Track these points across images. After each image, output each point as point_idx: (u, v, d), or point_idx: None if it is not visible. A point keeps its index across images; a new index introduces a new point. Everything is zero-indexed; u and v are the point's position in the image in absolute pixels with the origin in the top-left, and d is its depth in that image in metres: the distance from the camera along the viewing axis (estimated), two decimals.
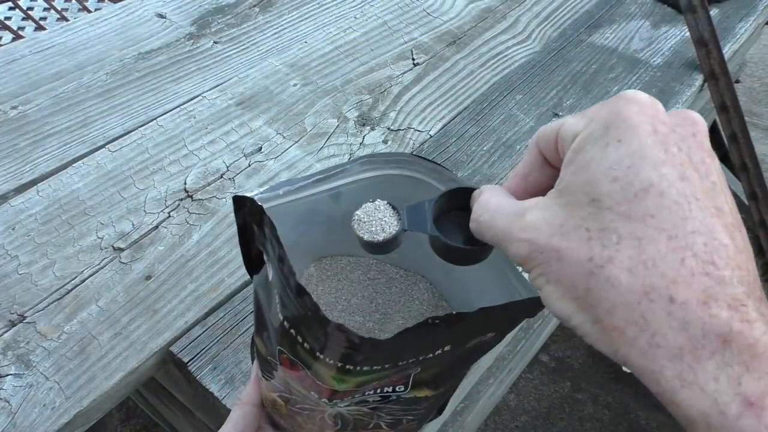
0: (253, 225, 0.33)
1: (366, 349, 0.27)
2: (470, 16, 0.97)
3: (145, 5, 0.93)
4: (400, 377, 0.31)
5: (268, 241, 0.30)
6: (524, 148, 0.76)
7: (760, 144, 2.13)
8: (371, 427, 0.36)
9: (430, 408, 0.37)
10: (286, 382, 0.34)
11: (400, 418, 0.36)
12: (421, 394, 0.33)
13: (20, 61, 0.81)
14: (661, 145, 0.20)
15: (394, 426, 0.37)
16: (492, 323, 0.29)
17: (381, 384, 0.31)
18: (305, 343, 0.29)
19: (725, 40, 0.96)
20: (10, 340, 0.53)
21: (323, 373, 0.30)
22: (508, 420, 1.45)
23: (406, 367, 0.30)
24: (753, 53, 2.39)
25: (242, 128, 0.75)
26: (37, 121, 0.74)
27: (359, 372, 0.29)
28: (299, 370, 0.31)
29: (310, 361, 0.30)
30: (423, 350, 0.29)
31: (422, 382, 0.32)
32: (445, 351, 0.30)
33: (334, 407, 0.33)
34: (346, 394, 0.31)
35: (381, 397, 0.33)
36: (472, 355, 0.34)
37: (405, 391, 0.32)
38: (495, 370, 1.00)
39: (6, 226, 0.62)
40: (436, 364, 0.31)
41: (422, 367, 0.31)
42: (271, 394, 0.37)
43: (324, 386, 0.31)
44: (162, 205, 0.65)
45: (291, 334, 0.30)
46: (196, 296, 0.57)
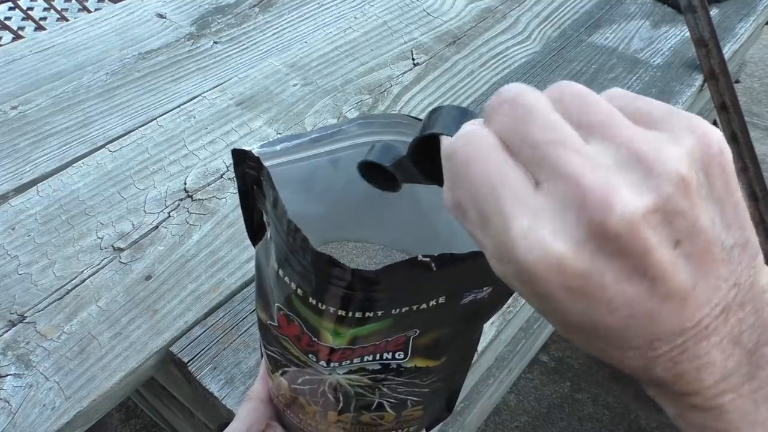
0: (254, 186, 0.32)
1: (357, 285, 0.26)
2: (470, 16, 0.97)
3: (145, 5, 0.93)
4: (397, 341, 0.30)
5: (265, 192, 0.30)
6: None
7: (760, 144, 2.13)
8: (374, 408, 0.35)
9: (436, 393, 0.36)
10: (285, 348, 0.34)
11: (404, 398, 0.35)
12: (422, 363, 0.32)
13: (20, 61, 0.81)
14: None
15: (398, 409, 0.36)
16: (484, 271, 0.28)
17: (378, 348, 0.31)
18: (299, 288, 0.29)
19: (725, 40, 0.96)
20: (10, 340, 0.53)
21: (317, 325, 0.29)
22: (508, 420, 1.46)
23: (401, 322, 0.29)
24: (753, 53, 2.39)
25: (242, 128, 0.75)
26: (37, 121, 0.74)
27: (352, 320, 0.28)
28: (296, 327, 0.31)
29: (304, 311, 0.29)
30: (416, 298, 0.28)
31: (422, 348, 0.32)
32: (440, 303, 0.29)
33: (332, 373, 0.32)
34: (344, 355, 0.31)
35: (381, 366, 0.32)
36: (470, 322, 0.33)
37: (405, 359, 0.32)
38: (495, 370, 1.00)
39: (6, 226, 0.62)
40: (433, 322, 0.30)
41: (420, 328, 0.30)
42: (276, 376, 0.37)
43: (321, 344, 0.30)
44: (162, 205, 0.65)
45: (285, 282, 0.29)
46: (196, 296, 0.57)
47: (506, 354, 0.99)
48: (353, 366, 0.32)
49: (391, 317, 0.29)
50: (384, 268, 0.25)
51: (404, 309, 0.28)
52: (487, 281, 0.29)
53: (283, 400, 0.39)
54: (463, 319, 0.32)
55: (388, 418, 0.37)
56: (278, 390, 0.38)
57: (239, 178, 0.32)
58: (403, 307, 0.28)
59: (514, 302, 0.61)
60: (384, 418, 0.37)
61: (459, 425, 0.93)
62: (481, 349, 0.58)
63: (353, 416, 0.36)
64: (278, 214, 0.28)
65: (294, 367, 0.34)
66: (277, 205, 0.28)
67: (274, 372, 0.37)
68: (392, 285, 0.27)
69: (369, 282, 0.26)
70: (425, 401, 0.36)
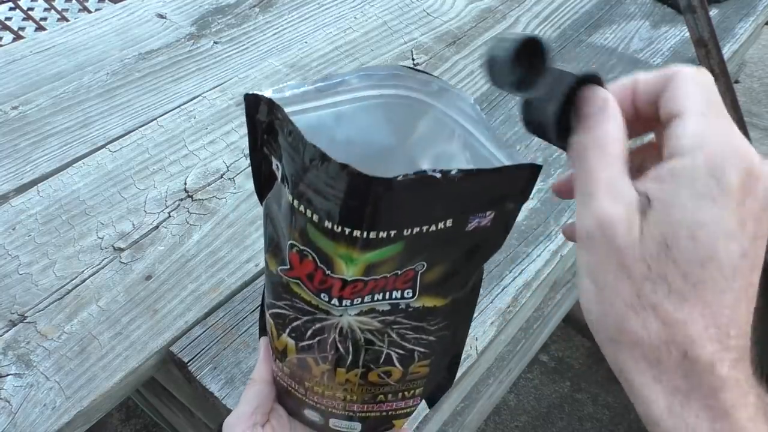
0: (264, 135, 0.33)
1: (372, 192, 0.27)
2: (470, 16, 0.97)
3: (145, 5, 0.93)
4: (406, 276, 0.32)
5: (279, 130, 0.31)
6: (524, 148, 0.76)
7: (760, 144, 2.13)
8: (382, 361, 0.36)
9: (442, 343, 0.37)
10: (296, 295, 0.34)
11: (412, 349, 0.36)
12: (429, 303, 0.34)
13: (21, 62, 0.81)
14: (740, 218, 0.21)
15: (405, 362, 0.36)
16: (488, 192, 0.30)
17: (388, 283, 0.32)
18: (314, 214, 0.30)
19: (725, 40, 0.96)
20: (10, 340, 0.53)
21: (332, 253, 0.30)
22: (508, 420, 1.46)
23: (411, 248, 0.30)
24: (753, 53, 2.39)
25: (242, 128, 0.75)
26: (38, 121, 0.74)
27: (366, 242, 0.29)
28: (309, 263, 0.32)
29: (319, 239, 0.30)
30: (425, 217, 0.29)
31: (429, 285, 0.33)
32: (448, 227, 0.30)
33: (343, 314, 0.33)
34: (356, 289, 0.32)
35: (390, 306, 0.33)
36: (473, 258, 0.34)
37: (413, 297, 0.33)
38: (495, 370, 1.00)
39: (6, 226, 0.62)
40: (439, 253, 0.32)
41: (427, 260, 0.31)
42: (282, 340, 0.37)
43: (334, 278, 0.31)
44: (162, 205, 0.65)
45: (300, 213, 0.30)
46: (196, 296, 0.58)
47: (506, 354, 1.00)
48: (364, 306, 0.33)
49: (402, 240, 0.30)
50: (396, 177, 0.27)
51: (415, 230, 0.29)
52: (490, 205, 0.30)
53: (288, 371, 0.39)
54: (466, 254, 0.33)
55: (395, 376, 0.37)
56: (283, 358, 0.38)
57: (250, 126, 0.33)
58: (413, 228, 0.29)
59: (513, 302, 0.61)
60: (391, 375, 0.37)
61: (459, 425, 0.93)
62: (481, 349, 0.58)
63: (361, 372, 0.36)
64: (295, 141, 0.29)
65: (304, 317, 0.35)
66: (293, 133, 0.29)
67: (281, 335, 0.37)
68: (404, 196, 0.28)
69: (384, 186, 0.27)
70: (431, 354, 0.37)
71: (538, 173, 0.29)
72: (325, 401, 0.39)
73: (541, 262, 0.63)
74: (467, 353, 0.57)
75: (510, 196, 0.31)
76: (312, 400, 0.39)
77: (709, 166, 0.21)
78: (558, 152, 0.76)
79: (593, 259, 0.23)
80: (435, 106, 0.34)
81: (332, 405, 0.39)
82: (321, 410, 0.39)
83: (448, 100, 0.33)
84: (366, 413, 0.39)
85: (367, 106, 0.35)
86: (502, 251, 0.63)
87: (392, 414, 0.40)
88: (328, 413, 0.39)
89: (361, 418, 0.40)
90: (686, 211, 0.21)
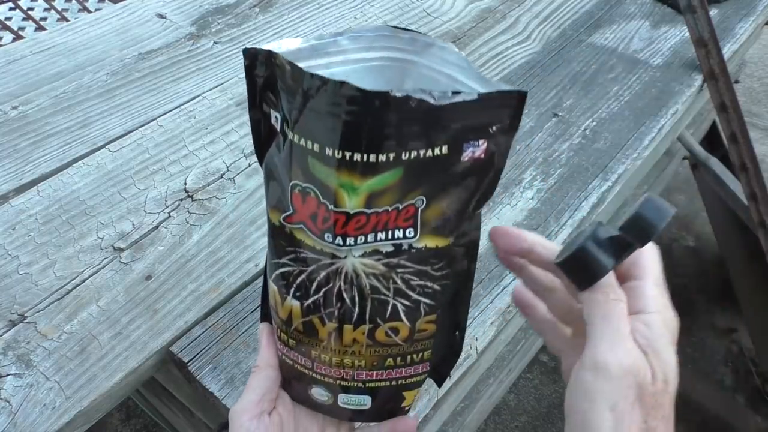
0: (264, 91, 0.35)
1: (370, 106, 0.29)
2: (470, 16, 0.97)
3: (145, 5, 0.93)
4: (407, 212, 0.33)
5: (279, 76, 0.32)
6: (524, 148, 0.76)
7: (760, 144, 2.13)
8: (389, 315, 0.36)
9: (446, 293, 0.37)
10: (299, 244, 0.35)
11: (417, 301, 0.36)
12: (431, 243, 0.35)
13: (21, 62, 0.81)
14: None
15: (412, 316, 0.37)
16: (479, 116, 0.32)
17: (390, 219, 0.33)
18: (314, 144, 0.31)
19: (725, 40, 0.96)
20: (10, 340, 0.53)
21: (334, 184, 0.31)
22: (508, 420, 1.46)
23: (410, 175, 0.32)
24: (753, 53, 2.39)
25: (242, 128, 0.75)
26: (38, 121, 0.74)
27: (366, 167, 0.31)
28: (312, 201, 0.33)
29: (321, 171, 0.32)
30: (422, 140, 0.31)
31: (430, 223, 0.34)
32: (444, 155, 0.32)
33: (348, 255, 0.34)
34: (359, 224, 0.33)
35: (393, 247, 0.34)
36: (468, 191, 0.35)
37: (415, 237, 0.34)
38: (495, 370, 1.00)
39: (6, 226, 0.62)
40: (437, 186, 0.33)
41: (426, 195, 0.33)
42: (286, 306, 0.37)
43: (337, 212, 0.32)
44: (162, 205, 0.65)
45: (301, 147, 0.32)
46: (196, 296, 0.58)
47: (506, 354, 1.00)
48: (368, 247, 0.34)
49: (401, 165, 0.31)
50: (391, 91, 0.29)
51: (413, 154, 0.31)
52: (482, 132, 0.32)
53: (293, 344, 0.38)
54: (463, 190, 0.34)
55: (403, 333, 0.37)
56: (288, 328, 0.38)
57: (249, 82, 0.35)
58: (411, 151, 0.31)
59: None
60: (398, 332, 0.37)
61: (459, 425, 0.93)
62: (481, 349, 0.58)
63: (368, 329, 0.36)
64: (294, 76, 0.31)
65: (309, 267, 0.35)
66: (291, 69, 0.31)
67: (285, 300, 0.37)
68: (400, 115, 0.30)
69: (381, 100, 0.29)
70: (437, 307, 0.37)
71: (525, 100, 0.32)
72: (333, 371, 0.38)
73: None
74: (467, 353, 0.57)
75: (500, 124, 0.32)
76: (320, 374, 0.38)
77: (663, 322, 0.31)
78: (557, 152, 0.76)
79: (616, 391, 0.29)
80: (418, 63, 0.35)
81: (340, 375, 0.38)
82: (329, 385, 0.39)
83: (432, 55, 0.34)
84: (375, 382, 0.39)
85: (357, 69, 0.36)
86: None
87: (402, 383, 0.39)
88: (336, 388, 0.39)
89: (371, 390, 0.39)
90: (671, 356, 0.31)
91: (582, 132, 0.79)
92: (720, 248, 1.63)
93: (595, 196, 0.71)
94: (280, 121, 0.34)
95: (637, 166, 0.78)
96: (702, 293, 1.74)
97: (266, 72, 0.34)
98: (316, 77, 0.29)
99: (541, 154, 0.76)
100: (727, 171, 1.35)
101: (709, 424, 1.43)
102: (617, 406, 0.29)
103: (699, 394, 1.41)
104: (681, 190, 2.02)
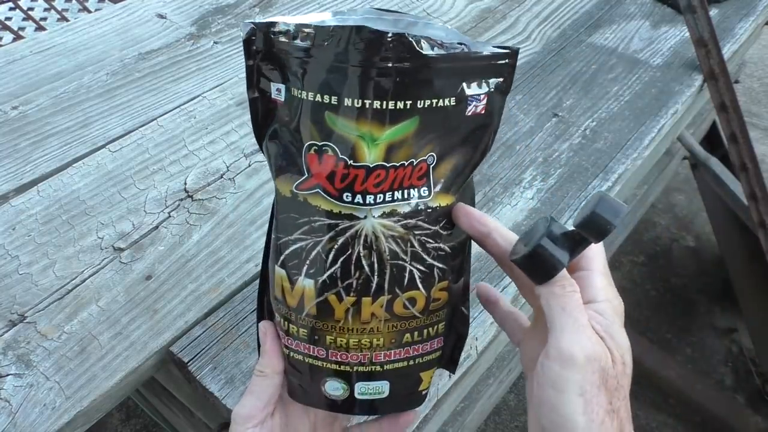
0: (261, 66, 0.35)
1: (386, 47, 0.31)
2: (470, 16, 0.97)
3: (145, 5, 0.93)
4: (420, 169, 0.35)
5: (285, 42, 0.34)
6: (524, 148, 0.76)
7: (760, 144, 2.13)
8: (406, 283, 0.36)
9: (454, 257, 0.38)
10: (316, 210, 0.35)
11: (431, 266, 0.37)
12: (443, 202, 0.36)
13: (21, 62, 0.81)
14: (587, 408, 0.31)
15: (427, 283, 0.37)
16: (479, 72, 0.35)
17: (406, 175, 0.34)
18: (332, 97, 0.33)
19: (725, 40, 0.96)
20: (10, 340, 0.53)
21: (353, 135, 0.33)
22: (508, 420, 1.46)
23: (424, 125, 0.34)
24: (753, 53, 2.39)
25: (242, 128, 0.75)
26: (38, 121, 0.74)
27: (385, 115, 0.32)
28: (329, 157, 0.34)
29: (338, 124, 0.33)
30: (432, 90, 0.33)
31: (440, 181, 0.36)
32: (453, 107, 0.34)
33: (368, 215, 0.34)
34: (379, 182, 0.34)
35: (410, 208, 0.35)
36: (473, 150, 0.37)
37: (429, 196, 0.36)
38: (495, 370, 1.00)
39: (6, 226, 0.62)
40: (445, 142, 0.35)
41: (436, 151, 0.35)
42: (297, 290, 0.36)
43: (357, 167, 0.33)
44: (162, 205, 0.65)
45: (318, 103, 0.33)
46: (196, 296, 0.58)
47: (506, 354, 1.00)
48: (386, 207, 0.35)
49: (417, 113, 0.33)
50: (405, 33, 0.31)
51: (426, 102, 0.33)
52: (483, 87, 0.35)
53: (305, 333, 0.37)
54: (466, 147, 0.36)
55: (420, 304, 0.37)
56: (299, 314, 0.37)
57: (248, 59, 0.36)
58: (425, 100, 0.33)
59: (514, 302, 0.61)
60: (416, 303, 0.37)
61: (459, 425, 0.93)
62: (481, 349, 0.58)
63: (387, 302, 0.36)
64: (304, 33, 0.33)
65: (326, 235, 0.35)
66: (296, 29, 0.33)
67: (296, 282, 0.36)
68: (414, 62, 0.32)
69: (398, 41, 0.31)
70: (448, 272, 0.38)
71: (517, 56, 0.36)
72: (350, 356, 0.37)
73: None
74: (467, 353, 0.57)
75: (496, 80, 0.36)
76: (335, 362, 0.38)
77: (613, 309, 0.33)
78: (557, 152, 0.76)
79: (583, 378, 0.31)
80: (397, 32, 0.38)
81: (358, 360, 0.38)
82: (345, 374, 0.38)
83: (418, 31, 0.35)
84: (393, 363, 0.38)
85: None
86: None
87: (419, 362, 0.39)
88: (353, 376, 0.38)
89: (389, 374, 0.39)
90: (624, 339, 0.33)
91: (582, 132, 0.79)
92: (720, 248, 1.63)
93: None
94: (284, 90, 0.35)
95: (637, 166, 0.78)
96: (702, 293, 1.74)
97: (265, 46, 0.34)
98: (328, 28, 0.31)
99: (541, 154, 0.76)
100: (727, 171, 1.35)
101: (709, 424, 1.43)
102: (585, 393, 0.31)
103: (699, 394, 1.41)
104: (681, 190, 2.03)
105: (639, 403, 1.50)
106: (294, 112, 0.35)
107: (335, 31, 0.31)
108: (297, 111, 0.34)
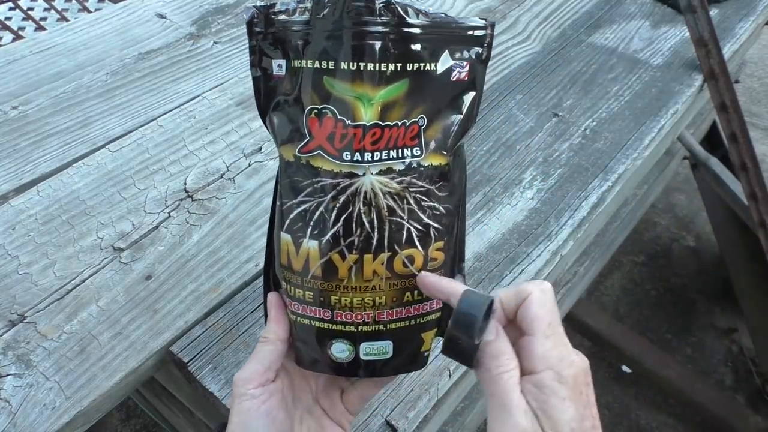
0: (266, 44, 0.39)
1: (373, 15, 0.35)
2: (470, 16, 0.97)
3: (145, 5, 0.93)
4: (413, 131, 0.37)
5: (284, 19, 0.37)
6: (524, 148, 0.76)
7: (760, 144, 2.13)
8: (405, 240, 0.38)
9: (449, 218, 0.40)
10: (318, 171, 0.37)
11: (427, 225, 0.39)
12: (435, 161, 0.39)
13: (20, 62, 0.81)
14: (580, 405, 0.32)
15: (424, 242, 0.39)
16: (462, 40, 0.38)
17: (400, 135, 0.37)
18: (329, 62, 0.36)
19: (725, 40, 0.96)
20: (10, 340, 0.53)
21: (350, 96, 0.36)
22: None
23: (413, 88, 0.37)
24: (753, 53, 2.39)
25: (242, 128, 0.75)
26: (38, 121, 0.74)
27: (378, 75, 0.36)
28: (329, 119, 0.36)
29: (337, 87, 0.36)
30: (419, 54, 0.37)
31: (430, 143, 0.38)
32: (439, 72, 0.38)
33: (366, 172, 0.37)
34: (375, 140, 0.36)
35: (404, 165, 0.37)
36: (460, 116, 0.39)
37: (421, 155, 0.38)
38: None
39: (6, 226, 0.62)
40: (433, 105, 0.38)
41: (426, 114, 0.38)
42: (302, 253, 0.38)
43: (354, 127, 0.36)
44: (162, 205, 0.65)
45: (317, 69, 0.36)
46: (196, 296, 0.58)
47: None
48: (383, 165, 0.37)
49: (407, 76, 0.36)
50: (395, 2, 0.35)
51: (415, 66, 0.36)
52: (465, 54, 0.38)
53: (311, 295, 0.39)
54: (452, 110, 0.39)
55: (418, 262, 0.39)
56: (305, 276, 0.39)
57: (250, 38, 0.39)
58: (414, 63, 0.36)
59: None
60: (414, 261, 0.39)
61: (459, 425, 0.93)
62: None
63: (387, 259, 0.38)
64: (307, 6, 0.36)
65: (328, 194, 0.37)
66: (302, 3, 0.36)
67: (301, 245, 0.38)
68: (404, 30, 0.36)
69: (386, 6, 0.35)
70: (444, 233, 0.40)
71: (494, 28, 0.39)
72: (354, 316, 0.39)
73: (541, 262, 0.63)
74: None
75: (477, 49, 0.39)
76: (340, 323, 0.39)
77: (555, 377, 0.32)
78: (557, 152, 0.76)
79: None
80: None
81: (362, 319, 0.39)
82: (350, 335, 0.39)
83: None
84: (396, 323, 0.40)
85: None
86: (503, 251, 0.63)
87: (420, 321, 0.40)
88: (358, 336, 0.39)
89: (392, 333, 0.40)
90: (563, 414, 0.31)
91: (582, 132, 0.79)
92: (720, 248, 1.63)
93: (595, 196, 0.71)
94: (285, 65, 0.38)
95: (637, 166, 0.78)
96: (702, 293, 1.74)
97: (266, 26, 0.38)
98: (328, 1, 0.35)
99: (541, 154, 0.76)
100: (727, 171, 1.35)
101: (709, 424, 1.43)
102: None
103: (699, 394, 1.41)
104: (681, 190, 2.03)
105: (639, 403, 1.50)
106: (295, 82, 0.38)
107: (331, 1, 0.35)
108: (298, 80, 0.37)
